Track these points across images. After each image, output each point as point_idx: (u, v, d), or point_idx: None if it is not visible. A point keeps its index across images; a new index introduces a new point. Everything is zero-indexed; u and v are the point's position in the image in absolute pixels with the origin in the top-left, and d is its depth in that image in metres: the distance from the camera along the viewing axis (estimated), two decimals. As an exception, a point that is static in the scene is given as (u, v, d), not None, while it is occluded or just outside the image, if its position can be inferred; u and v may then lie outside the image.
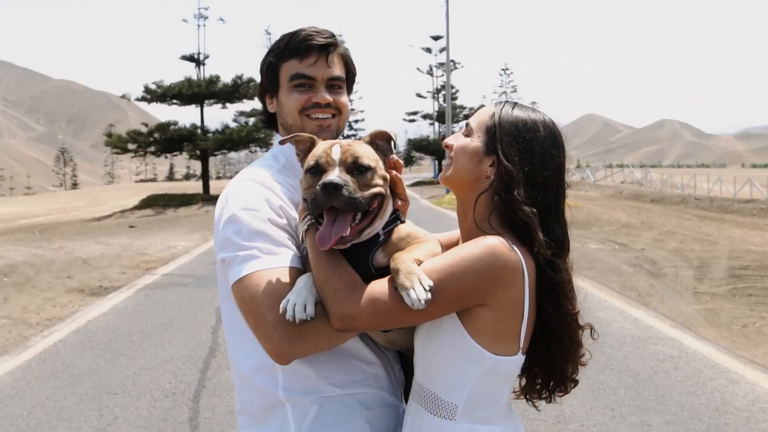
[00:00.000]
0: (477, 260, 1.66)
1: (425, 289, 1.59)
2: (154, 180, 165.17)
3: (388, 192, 1.77)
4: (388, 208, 1.78)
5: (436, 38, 73.17)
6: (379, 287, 1.66)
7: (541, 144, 1.80)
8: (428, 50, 75.27)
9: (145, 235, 20.01)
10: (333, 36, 1.99)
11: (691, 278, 10.88)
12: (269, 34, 63.19)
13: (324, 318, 1.65)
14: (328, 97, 1.96)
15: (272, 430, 1.83)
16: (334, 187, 1.60)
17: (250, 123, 38.67)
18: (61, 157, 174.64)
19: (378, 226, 1.75)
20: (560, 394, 1.95)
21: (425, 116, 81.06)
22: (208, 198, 32.88)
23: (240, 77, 36.95)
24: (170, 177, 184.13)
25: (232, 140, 34.94)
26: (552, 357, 1.85)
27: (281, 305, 1.63)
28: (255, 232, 1.75)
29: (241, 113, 51.09)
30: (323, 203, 1.62)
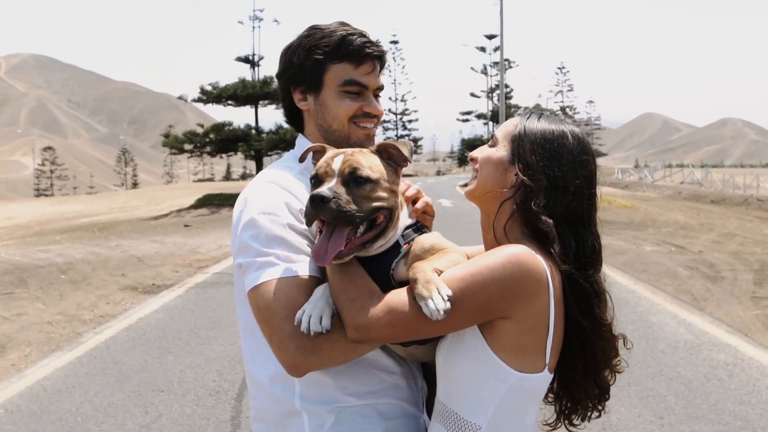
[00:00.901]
0: (499, 269, 1.60)
1: (444, 299, 1.54)
2: (211, 180, 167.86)
3: (398, 205, 1.72)
4: (400, 223, 1.72)
5: (490, 37, 72.78)
6: (396, 297, 1.61)
7: (570, 151, 1.76)
8: (482, 49, 74.88)
9: (199, 234, 20.33)
10: (380, 43, 1.98)
11: (751, 282, 10.52)
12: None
13: (340, 331, 1.61)
14: (380, 108, 1.97)
15: None
16: (320, 200, 1.57)
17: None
18: (122, 157, 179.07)
19: (389, 240, 1.70)
20: (598, 411, 1.87)
21: (479, 116, 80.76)
22: (261, 197, 33.11)
23: (293, 78, 37.05)
24: (227, 177, 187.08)
25: (285, 140, 35.19)
26: (586, 372, 1.78)
27: (296, 316, 1.60)
28: (273, 237, 1.71)
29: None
30: (311, 216, 1.59)
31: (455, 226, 18.61)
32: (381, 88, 1.98)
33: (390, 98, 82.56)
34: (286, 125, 38.51)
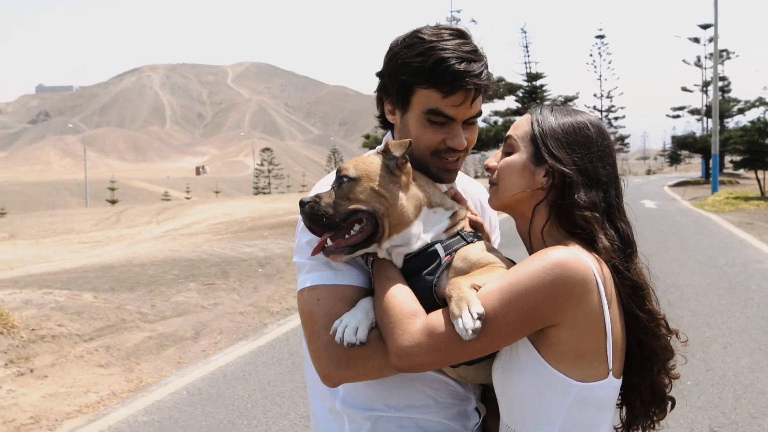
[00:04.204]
0: (542, 274, 1.52)
1: (473, 317, 1.47)
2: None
3: (394, 208, 1.64)
4: (416, 230, 1.66)
5: (704, 27, 67.79)
6: (436, 318, 1.56)
7: (594, 141, 1.69)
8: (696, 40, 69.95)
9: (392, 233, 20.85)
10: (485, 68, 1.75)
11: None
12: (525, 32, 62.93)
13: (376, 345, 1.59)
14: (465, 142, 1.77)
15: None
16: (300, 205, 1.63)
17: (500, 123, 38.93)
18: (332, 157, 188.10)
19: (402, 246, 1.66)
20: (660, 415, 1.76)
21: (692, 111, 75.47)
22: (457, 197, 33.44)
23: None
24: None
25: (480, 140, 35.29)
26: (643, 375, 1.68)
27: (333, 325, 1.60)
28: None
29: (496, 112, 51.71)
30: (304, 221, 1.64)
31: (655, 229, 17.59)
32: (478, 115, 1.79)
33: (595, 95, 79.22)
34: (481, 124, 38.73)
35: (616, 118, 78.81)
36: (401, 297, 1.61)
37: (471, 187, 1.99)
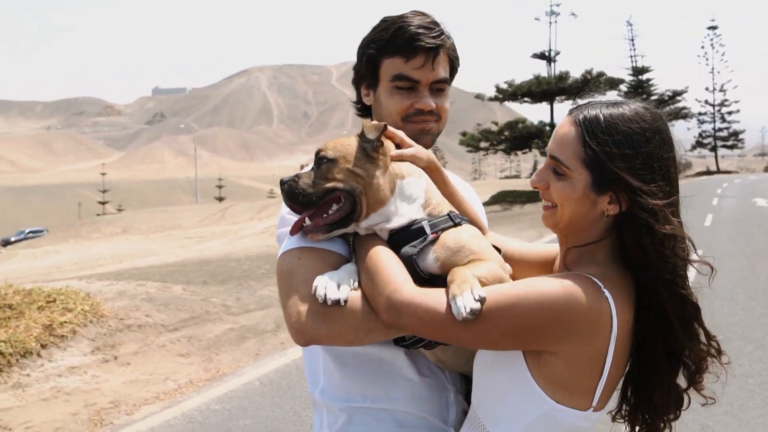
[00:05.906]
0: (554, 298, 1.43)
1: (474, 298, 1.43)
2: (517, 177, 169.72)
3: (370, 187, 1.64)
4: (378, 207, 1.64)
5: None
6: (434, 292, 1.51)
7: (656, 154, 1.51)
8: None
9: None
10: (442, 33, 1.86)
11: None
12: (631, 25, 60.94)
13: (356, 306, 1.55)
14: (432, 104, 1.86)
15: (315, 426, 1.87)
16: (280, 184, 1.66)
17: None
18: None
19: (361, 225, 1.65)
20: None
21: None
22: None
23: (589, 72, 36.37)
24: (533, 174, 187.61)
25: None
26: (670, 383, 1.59)
27: (314, 281, 1.57)
28: None
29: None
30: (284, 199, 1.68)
31: (765, 228, 16.56)
32: (441, 80, 1.86)
33: (706, 89, 75.78)
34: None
35: (729, 113, 75.13)
36: (393, 261, 1.58)
37: (461, 187, 1.98)
